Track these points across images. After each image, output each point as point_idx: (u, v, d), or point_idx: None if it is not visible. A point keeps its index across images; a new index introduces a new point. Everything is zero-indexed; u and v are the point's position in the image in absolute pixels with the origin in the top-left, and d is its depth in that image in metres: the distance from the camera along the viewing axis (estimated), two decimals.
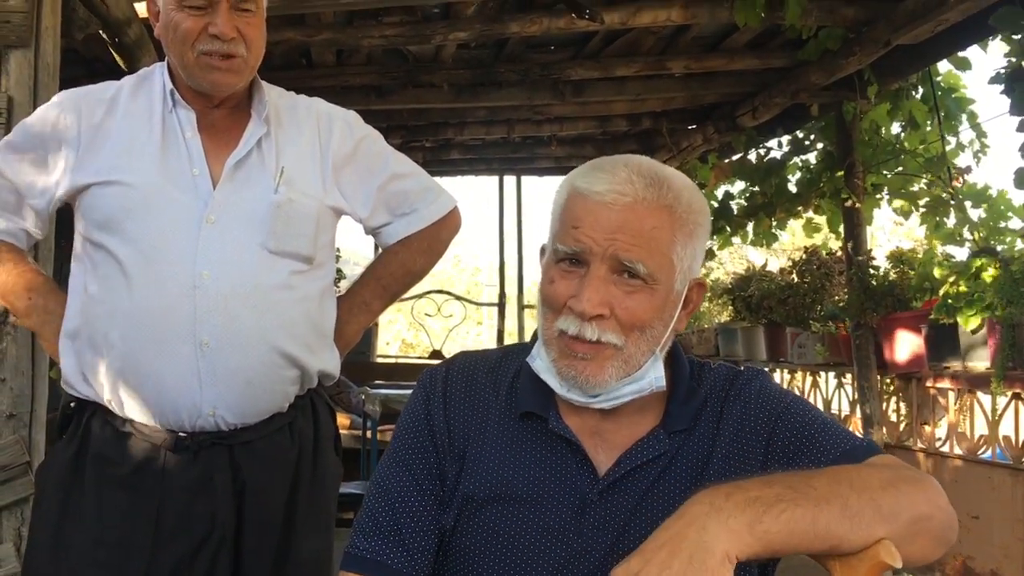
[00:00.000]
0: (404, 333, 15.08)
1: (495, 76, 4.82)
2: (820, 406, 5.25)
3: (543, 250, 1.22)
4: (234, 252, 1.66)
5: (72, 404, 1.73)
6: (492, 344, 9.05)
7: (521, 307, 8.53)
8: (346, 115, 1.87)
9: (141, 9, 3.30)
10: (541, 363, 1.17)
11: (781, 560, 1.14)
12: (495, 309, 8.69)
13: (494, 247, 8.48)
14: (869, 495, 1.01)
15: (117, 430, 1.67)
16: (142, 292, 1.64)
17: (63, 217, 1.84)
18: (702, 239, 1.17)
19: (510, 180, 8.34)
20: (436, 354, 8.20)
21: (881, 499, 1.01)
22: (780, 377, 5.65)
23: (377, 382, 6.74)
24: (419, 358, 8.88)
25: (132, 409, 1.65)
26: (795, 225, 6.75)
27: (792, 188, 5.78)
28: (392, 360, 8.20)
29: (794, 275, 5.68)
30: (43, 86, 2.22)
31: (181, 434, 1.65)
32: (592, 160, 1.20)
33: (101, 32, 3.09)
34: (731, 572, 0.95)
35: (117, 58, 3.43)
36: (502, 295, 8.39)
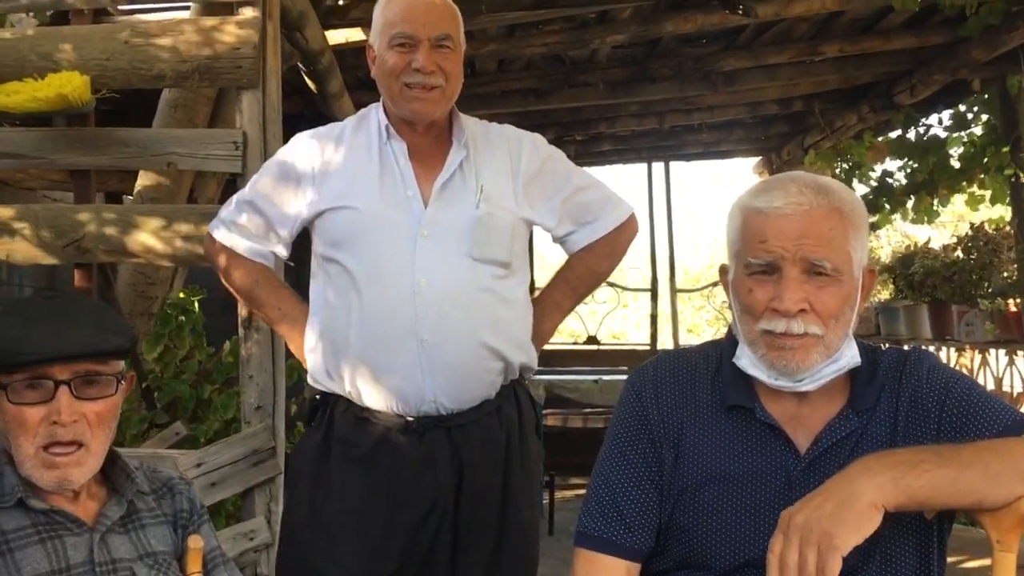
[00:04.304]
0: None
1: (649, 72, 4.90)
2: (991, 385, 5.14)
3: (724, 270, 1.40)
4: (445, 261, 1.89)
5: (318, 396, 2.00)
6: (646, 327, 9.12)
7: (674, 291, 8.55)
8: (532, 137, 2.07)
9: (331, 38, 3.66)
10: (747, 360, 1.32)
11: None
12: (646, 294, 8.77)
13: (640, 231, 8.50)
14: (1012, 460, 1.17)
15: (356, 416, 1.92)
16: (371, 299, 1.88)
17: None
18: (866, 232, 1.33)
19: (658, 166, 8.38)
20: (592, 340, 8.34)
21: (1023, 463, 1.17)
22: (947, 356, 5.53)
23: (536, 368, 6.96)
24: (574, 344, 9.04)
25: (368, 398, 1.90)
26: (956, 198, 6.50)
27: (955, 163, 5.62)
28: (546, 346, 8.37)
29: (959, 252, 5.54)
30: (270, 121, 2.48)
31: (408, 418, 1.89)
32: (755, 184, 1.37)
33: (299, 63, 3.44)
34: (879, 518, 1.13)
35: (308, 82, 3.80)
36: (654, 280, 8.43)
